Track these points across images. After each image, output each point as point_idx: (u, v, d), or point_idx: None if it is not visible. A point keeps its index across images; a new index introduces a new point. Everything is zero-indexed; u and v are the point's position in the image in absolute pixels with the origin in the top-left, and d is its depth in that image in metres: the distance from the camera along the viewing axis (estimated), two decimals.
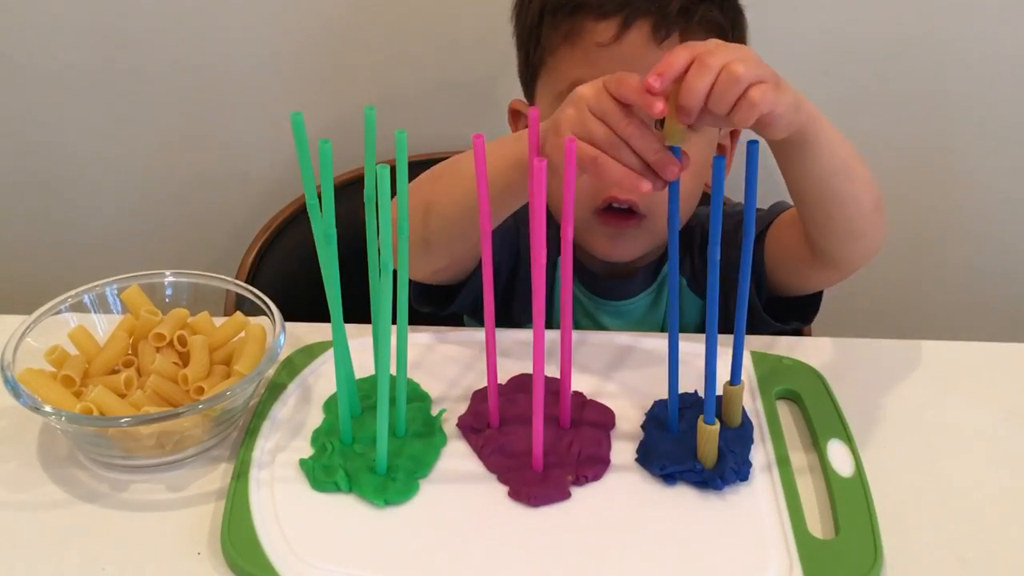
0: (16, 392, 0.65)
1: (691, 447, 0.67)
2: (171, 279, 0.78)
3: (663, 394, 0.70)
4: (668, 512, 0.64)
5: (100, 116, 1.23)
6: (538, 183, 0.58)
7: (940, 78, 1.20)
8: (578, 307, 0.93)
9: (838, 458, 0.68)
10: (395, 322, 0.66)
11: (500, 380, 0.72)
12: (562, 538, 0.62)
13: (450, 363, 0.78)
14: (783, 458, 0.68)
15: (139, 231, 1.32)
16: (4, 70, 1.19)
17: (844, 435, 0.70)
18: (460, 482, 0.67)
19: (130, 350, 0.74)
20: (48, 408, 0.64)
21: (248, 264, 1.07)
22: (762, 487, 0.66)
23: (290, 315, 0.75)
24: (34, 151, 1.26)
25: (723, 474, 0.65)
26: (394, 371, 0.67)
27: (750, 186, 0.59)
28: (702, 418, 0.65)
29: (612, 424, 0.72)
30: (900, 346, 0.82)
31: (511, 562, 0.61)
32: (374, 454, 0.66)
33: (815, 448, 0.70)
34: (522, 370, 0.76)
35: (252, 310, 0.75)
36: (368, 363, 0.73)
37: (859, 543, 0.61)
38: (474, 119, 1.19)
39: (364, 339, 0.73)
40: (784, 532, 0.62)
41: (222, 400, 0.66)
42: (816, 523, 0.64)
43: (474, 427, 0.71)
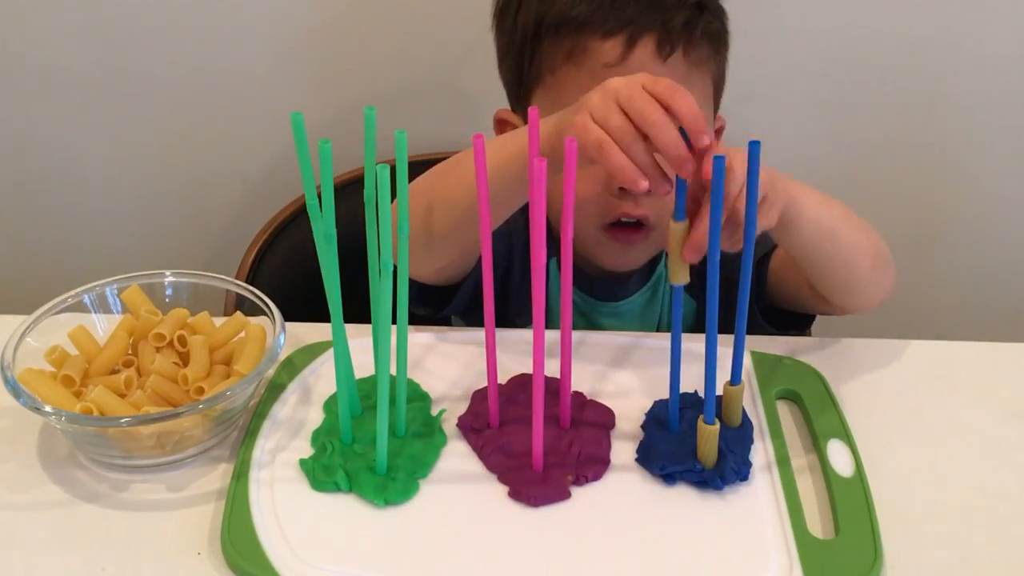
0: (16, 392, 0.65)
1: (691, 447, 0.67)
2: (171, 279, 0.78)
3: (663, 394, 0.70)
4: (668, 512, 0.64)
5: (100, 116, 1.23)
6: (538, 183, 0.58)
7: (938, 78, 1.20)
8: (574, 309, 0.93)
9: (838, 458, 0.68)
10: (395, 322, 0.66)
11: (500, 380, 0.72)
12: (562, 538, 0.62)
13: (450, 363, 0.78)
14: (783, 458, 0.68)
15: (139, 231, 1.32)
16: (4, 70, 1.19)
17: (844, 435, 0.70)
18: (460, 482, 0.67)
19: (130, 350, 0.74)
20: (48, 408, 0.64)
21: (248, 264, 1.07)
22: (762, 487, 0.66)
23: (290, 315, 0.75)
24: (34, 151, 1.26)
25: (723, 474, 0.65)
26: (394, 371, 0.67)
27: (751, 186, 0.59)
28: (702, 418, 0.65)
29: (612, 424, 0.72)
30: (900, 346, 0.82)
31: (511, 562, 0.61)
32: (374, 454, 0.66)
33: (815, 448, 0.70)
34: (522, 370, 0.76)
35: (252, 310, 0.75)
36: (368, 363, 0.72)
37: (859, 543, 0.61)
38: (474, 119, 1.19)
39: (364, 339, 0.73)
40: (784, 532, 0.62)
41: (222, 400, 0.66)
42: (816, 523, 0.64)
43: (474, 427, 0.71)
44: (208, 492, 0.66)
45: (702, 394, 0.70)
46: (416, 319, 0.86)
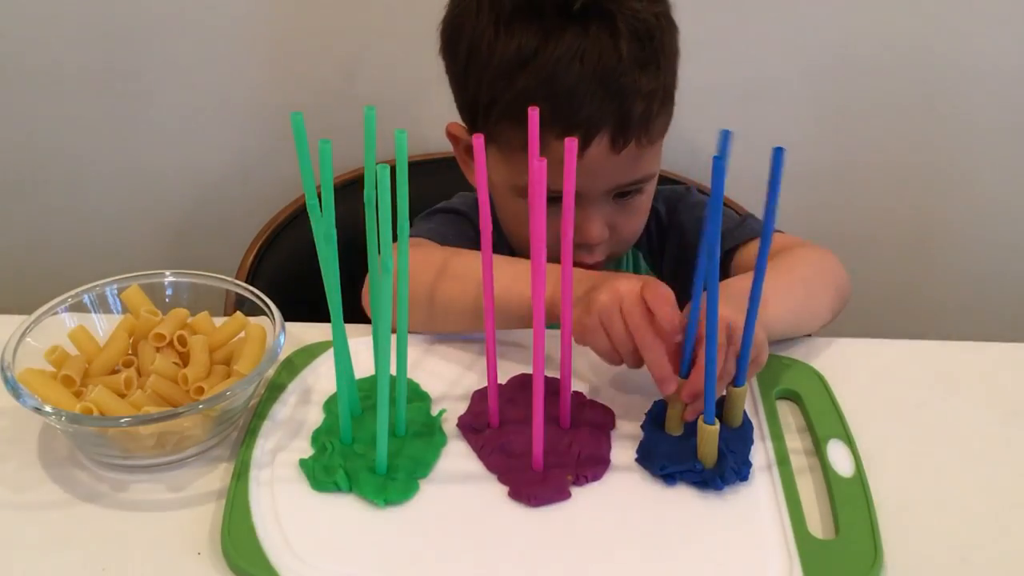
0: (16, 392, 0.65)
1: (691, 447, 0.67)
2: (171, 279, 0.78)
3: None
4: (668, 512, 0.64)
5: (100, 116, 1.23)
6: (538, 183, 0.58)
7: (939, 79, 1.20)
8: None
9: (838, 458, 0.68)
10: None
11: (500, 380, 0.72)
12: (562, 538, 0.62)
13: (450, 363, 0.78)
14: (783, 458, 0.68)
15: (139, 231, 1.32)
16: (4, 70, 1.19)
17: (844, 435, 0.70)
18: (460, 482, 0.67)
19: (130, 350, 0.74)
20: (48, 408, 0.64)
21: (248, 264, 1.07)
22: (762, 487, 0.66)
23: (290, 315, 0.75)
24: (34, 151, 1.26)
25: (723, 474, 0.65)
26: (394, 371, 0.67)
27: (772, 191, 0.58)
28: (702, 418, 0.65)
29: (612, 424, 0.72)
30: (900, 346, 0.82)
31: (511, 562, 0.61)
32: (374, 454, 0.66)
33: (815, 448, 0.70)
34: (522, 370, 0.76)
35: (252, 310, 0.75)
36: (368, 363, 0.72)
37: (859, 543, 0.61)
38: None
39: (364, 339, 0.73)
40: (784, 532, 0.62)
41: (222, 400, 0.66)
42: (816, 523, 0.64)
43: (474, 427, 0.71)
44: (208, 492, 0.66)
45: None
46: None
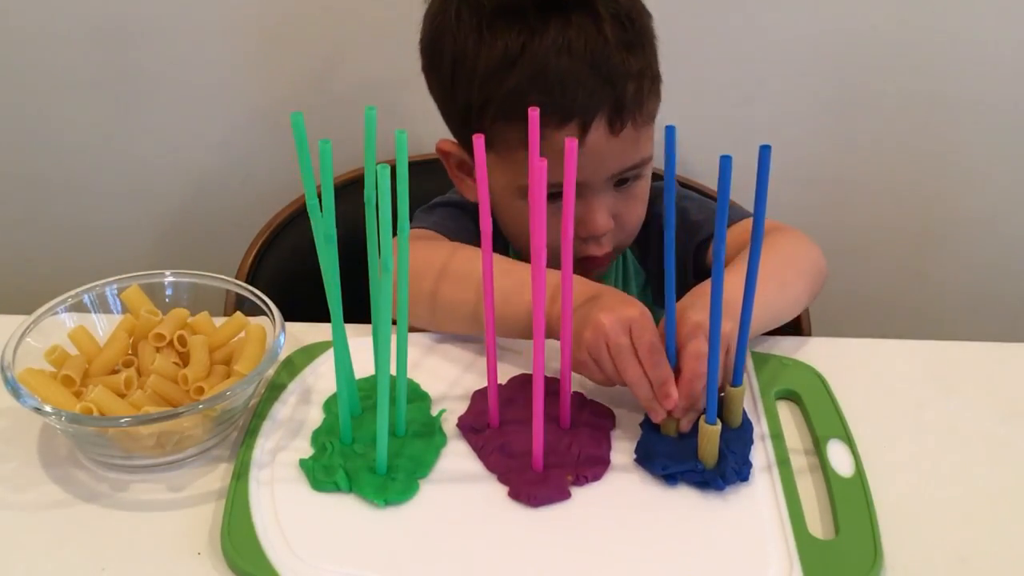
0: (16, 392, 0.65)
1: (691, 447, 0.67)
2: (171, 279, 0.78)
3: None
4: (668, 512, 0.64)
5: (100, 115, 1.23)
6: (538, 183, 0.58)
7: (939, 79, 1.20)
8: None
9: (838, 458, 0.68)
10: (395, 322, 0.66)
11: (500, 380, 0.72)
12: (562, 538, 0.62)
13: (450, 363, 0.78)
14: (783, 458, 0.68)
15: (139, 231, 1.32)
16: (4, 70, 1.19)
17: (844, 435, 0.70)
18: (460, 482, 0.67)
19: (130, 350, 0.74)
20: (48, 408, 0.64)
21: (248, 264, 1.07)
22: (762, 487, 0.66)
23: (290, 315, 0.75)
24: (34, 151, 1.26)
25: (724, 474, 0.65)
26: (394, 371, 0.67)
27: (760, 188, 0.59)
28: (703, 418, 0.65)
29: (612, 424, 0.72)
30: (900, 346, 0.82)
31: (511, 562, 0.61)
32: (374, 454, 0.66)
33: (815, 448, 0.70)
34: (522, 370, 0.76)
35: (252, 310, 0.75)
36: (368, 363, 0.72)
37: (859, 543, 0.61)
38: None
39: (364, 339, 0.73)
40: (784, 532, 0.62)
41: (222, 400, 0.66)
42: (816, 523, 0.64)
43: (474, 427, 0.71)
44: (208, 492, 0.66)
45: None
46: None
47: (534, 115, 0.62)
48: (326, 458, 0.67)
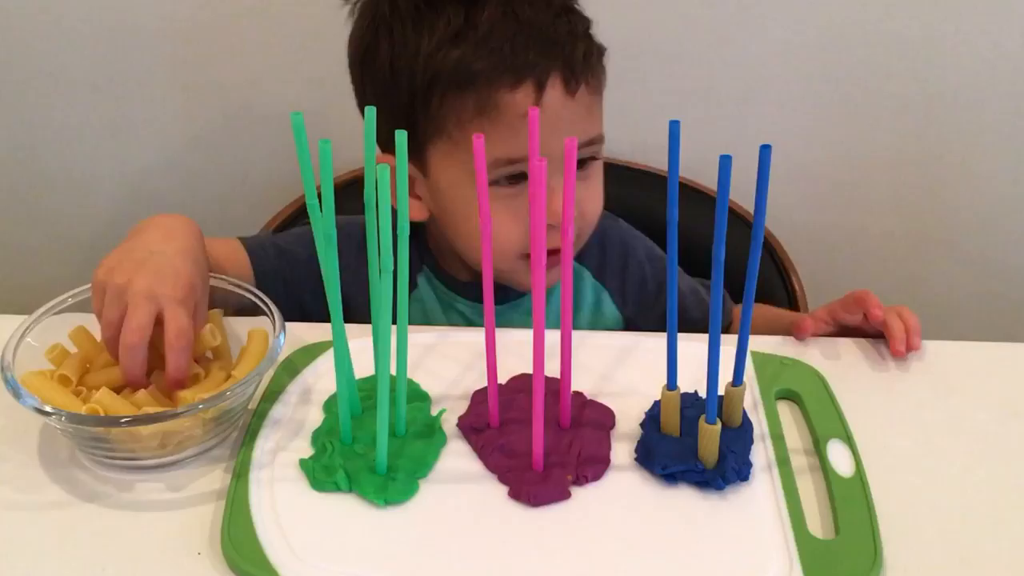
0: (16, 392, 0.65)
1: (691, 447, 0.67)
2: None
3: None
4: (668, 512, 0.64)
5: (100, 115, 1.23)
6: (538, 183, 0.58)
7: (939, 79, 1.20)
8: (465, 321, 0.94)
9: (838, 458, 0.68)
10: (395, 322, 0.66)
11: (500, 380, 0.72)
12: (562, 538, 0.62)
13: (450, 363, 0.78)
14: (783, 458, 0.68)
15: None
16: (4, 70, 1.20)
17: (844, 435, 0.70)
18: (460, 482, 0.67)
19: None
20: (48, 408, 0.64)
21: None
22: (762, 487, 0.66)
23: (289, 315, 0.75)
24: (34, 151, 1.26)
25: (724, 474, 0.65)
26: (394, 371, 0.67)
27: (760, 190, 0.59)
28: (703, 418, 0.65)
29: (612, 424, 0.72)
30: None
31: (511, 562, 0.61)
32: (374, 454, 0.66)
33: (815, 448, 0.70)
34: (522, 370, 0.76)
35: (252, 310, 0.75)
36: (368, 363, 0.72)
37: (859, 543, 0.61)
38: None
39: (364, 339, 0.73)
40: (784, 532, 0.62)
41: (222, 400, 0.66)
42: (816, 523, 0.64)
43: (474, 427, 0.71)
44: (208, 492, 0.66)
45: (702, 394, 0.70)
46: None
47: (534, 114, 0.62)
48: (326, 458, 0.67)
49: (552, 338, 0.67)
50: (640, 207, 0.98)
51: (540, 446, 0.66)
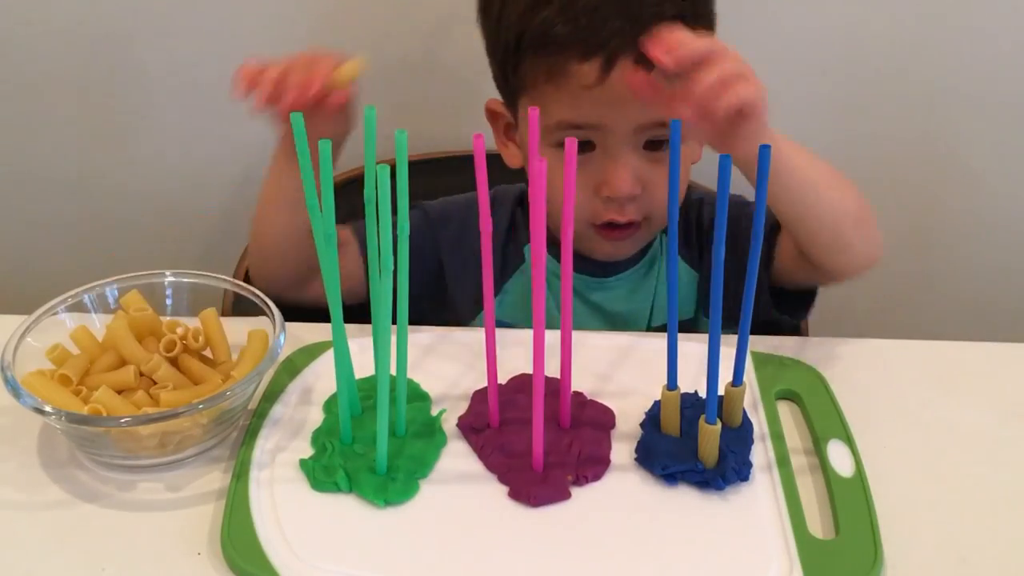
0: (16, 392, 0.65)
1: (691, 447, 0.67)
2: (171, 279, 0.77)
3: None
4: (668, 512, 0.64)
5: (99, 115, 1.23)
6: (538, 183, 0.58)
7: (939, 78, 1.20)
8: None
9: (838, 458, 0.68)
10: (395, 322, 0.66)
11: (500, 380, 0.72)
12: (562, 538, 0.62)
13: (450, 363, 0.78)
14: (783, 458, 0.68)
15: (138, 231, 1.32)
16: (4, 70, 1.19)
17: (844, 435, 0.70)
18: (460, 482, 0.67)
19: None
20: (48, 408, 0.64)
21: (246, 263, 1.06)
22: (762, 487, 0.66)
23: (289, 315, 0.75)
24: (34, 150, 1.26)
25: (724, 474, 0.65)
26: (394, 371, 0.67)
27: (760, 191, 0.59)
28: (703, 418, 0.65)
29: (612, 424, 0.72)
30: (900, 346, 0.82)
31: (511, 562, 0.61)
32: (374, 454, 0.66)
33: (815, 448, 0.70)
34: (522, 370, 0.76)
35: (252, 310, 0.75)
36: (368, 363, 0.72)
37: (859, 543, 0.61)
38: (474, 119, 1.19)
39: (364, 339, 0.73)
40: (784, 532, 0.62)
41: (222, 400, 0.66)
42: (816, 523, 0.64)
43: (474, 427, 0.71)
44: (208, 492, 0.66)
45: (702, 394, 0.70)
46: (425, 317, 0.86)
47: (534, 114, 0.62)
48: (326, 458, 0.67)
49: (552, 338, 0.67)
50: None
51: (540, 446, 0.66)
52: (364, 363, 0.73)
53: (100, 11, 1.16)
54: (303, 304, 0.85)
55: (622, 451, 0.69)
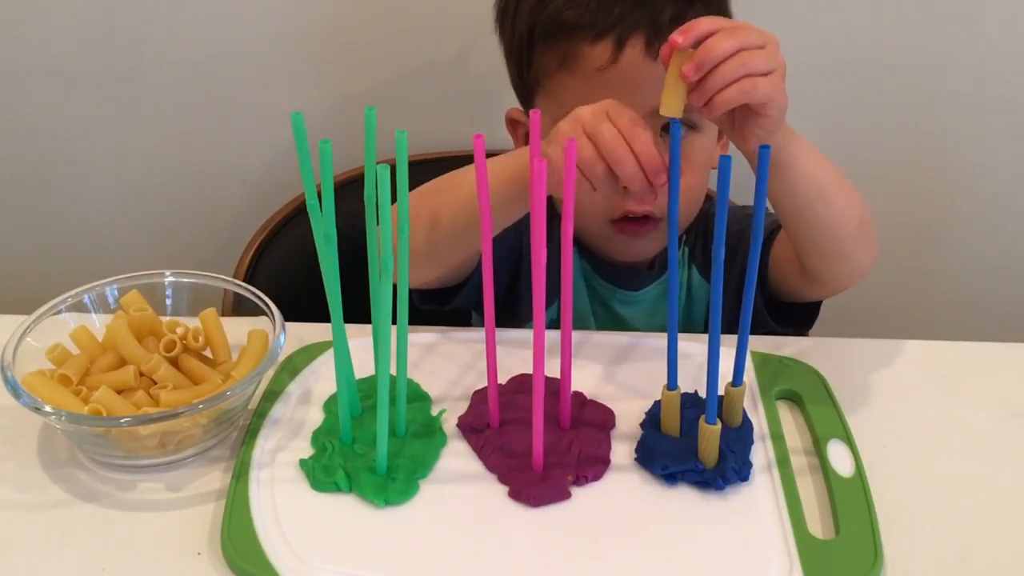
0: (16, 392, 0.65)
1: (690, 447, 0.67)
2: (171, 279, 0.77)
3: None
4: (668, 512, 0.64)
5: (100, 115, 1.23)
6: (538, 183, 0.58)
7: (938, 78, 1.20)
8: (594, 296, 0.95)
9: (838, 458, 0.68)
10: (395, 322, 0.66)
11: (500, 380, 0.72)
12: (562, 538, 0.62)
13: (450, 363, 0.78)
14: (783, 458, 0.68)
15: (139, 230, 1.32)
16: (4, 69, 1.19)
17: (844, 435, 0.70)
18: (460, 482, 0.67)
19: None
20: (48, 408, 0.64)
21: (247, 262, 1.06)
22: (762, 487, 0.66)
23: (289, 315, 0.75)
24: (34, 150, 1.26)
25: (724, 474, 0.65)
26: (394, 371, 0.67)
27: (759, 190, 0.59)
28: (703, 418, 0.65)
29: (612, 424, 0.72)
30: (900, 346, 0.82)
31: (511, 562, 0.61)
32: (374, 454, 0.66)
33: (815, 448, 0.70)
34: (522, 370, 0.76)
35: (252, 310, 0.75)
36: (368, 363, 0.72)
37: (859, 543, 0.61)
38: (474, 119, 1.19)
39: (364, 339, 0.73)
40: (784, 532, 0.62)
41: (222, 400, 0.66)
42: (816, 523, 0.64)
43: (474, 427, 0.71)
44: (208, 492, 0.66)
45: (702, 394, 0.70)
46: (425, 316, 0.86)
47: (535, 116, 0.62)
48: (326, 458, 0.67)
49: (552, 338, 0.67)
50: None
51: (540, 446, 0.66)
52: (364, 363, 0.73)
53: (101, 11, 1.16)
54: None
55: (622, 451, 0.69)
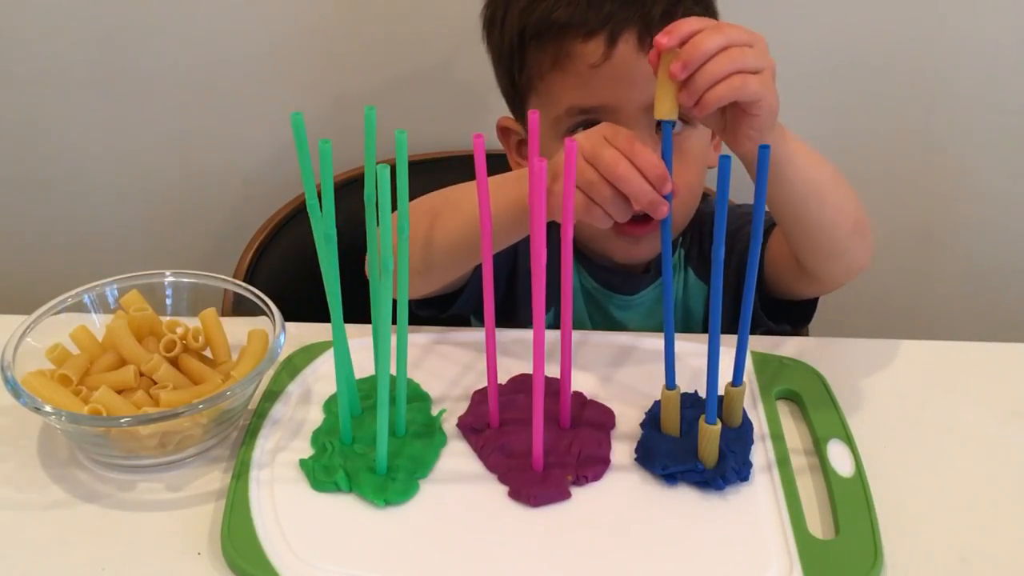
0: (16, 392, 0.65)
1: (690, 447, 0.67)
2: (171, 279, 0.77)
3: None
4: (668, 512, 0.64)
5: (100, 115, 1.23)
6: (538, 183, 0.58)
7: (938, 78, 1.20)
8: (591, 301, 0.94)
9: (838, 458, 0.68)
10: (395, 322, 0.66)
11: (500, 380, 0.72)
12: (562, 538, 0.62)
13: (450, 363, 0.78)
14: (783, 458, 0.68)
15: (139, 230, 1.32)
16: (4, 69, 1.19)
17: (844, 435, 0.70)
18: (460, 482, 0.67)
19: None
20: (48, 408, 0.64)
21: (247, 262, 1.06)
22: (762, 487, 0.66)
23: (289, 315, 0.75)
24: (34, 150, 1.26)
25: (724, 474, 0.65)
26: (394, 371, 0.67)
27: (759, 190, 0.59)
28: (703, 418, 0.65)
29: (612, 424, 0.72)
30: (900, 346, 0.82)
31: (511, 562, 0.61)
32: (374, 454, 0.66)
33: (815, 448, 0.70)
34: (522, 370, 0.76)
35: (252, 310, 0.75)
36: (368, 363, 0.73)
37: (859, 543, 0.61)
38: (474, 119, 1.19)
39: (364, 339, 0.73)
40: (784, 532, 0.62)
41: (222, 400, 0.66)
42: (816, 523, 0.64)
43: (474, 427, 0.71)
44: (208, 492, 0.66)
45: (702, 394, 0.70)
46: (423, 318, 0.86)
47: (534, 117, 0.62)
48: (326, 458, 0.67)
49: (552, 338, 0.67)
50: None
51: (540, 446, 0.66)
52: (364, 363, 0.73)
53: (101, 12, 1.16)
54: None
55: (622, 451, 0.69)
